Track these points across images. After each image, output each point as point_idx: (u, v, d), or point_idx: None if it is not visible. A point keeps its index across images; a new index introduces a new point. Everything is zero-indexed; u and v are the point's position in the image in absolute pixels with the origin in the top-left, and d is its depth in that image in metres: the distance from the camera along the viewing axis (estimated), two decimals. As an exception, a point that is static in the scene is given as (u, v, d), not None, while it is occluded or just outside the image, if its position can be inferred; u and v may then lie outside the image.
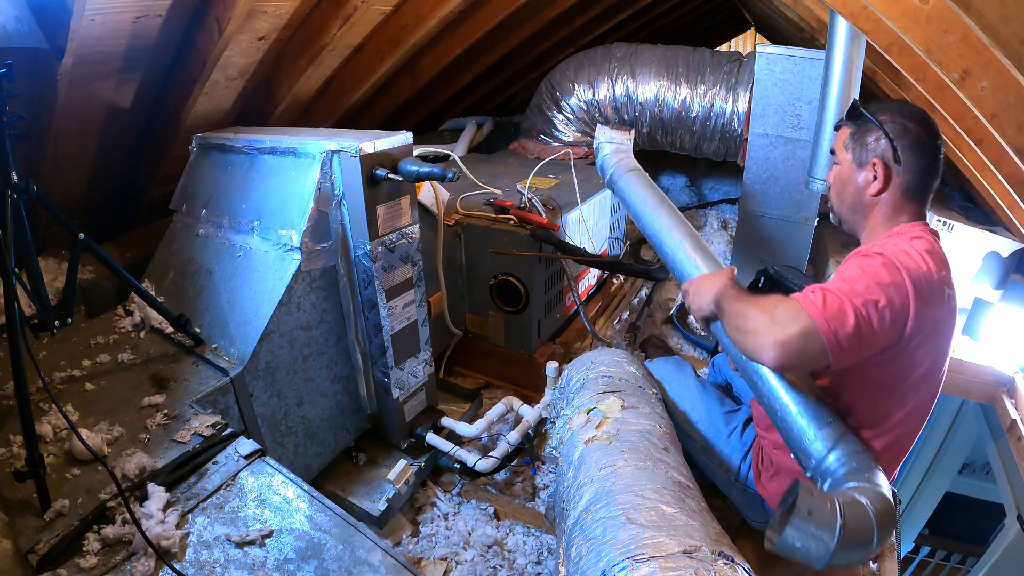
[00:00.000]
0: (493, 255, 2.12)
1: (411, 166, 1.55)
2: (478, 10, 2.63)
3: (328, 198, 1.56)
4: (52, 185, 1.88)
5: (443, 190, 2.09)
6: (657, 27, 4.83)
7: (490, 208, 2.20)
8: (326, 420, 1.74)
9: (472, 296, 2.30)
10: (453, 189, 2.27)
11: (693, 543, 0.95)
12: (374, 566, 1.14)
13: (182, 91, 1.91)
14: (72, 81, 1.57)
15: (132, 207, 2.34)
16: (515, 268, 2.11)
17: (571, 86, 3.35)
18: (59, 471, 1.26)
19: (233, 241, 1.70)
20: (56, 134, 1.72)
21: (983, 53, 1.29)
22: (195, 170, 1.92)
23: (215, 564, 1.12)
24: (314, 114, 2.58)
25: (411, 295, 1.75)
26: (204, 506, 1.23)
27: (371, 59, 2.43)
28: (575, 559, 1.04)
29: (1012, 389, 2.35)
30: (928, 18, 1.34)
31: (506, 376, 2.34)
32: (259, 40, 1.87)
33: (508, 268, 2.13)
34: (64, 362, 1.59)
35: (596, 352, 1.76)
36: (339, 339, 1.73)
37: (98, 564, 1.08)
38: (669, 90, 3.19)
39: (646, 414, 1.41)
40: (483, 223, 2.15)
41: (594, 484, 1.17)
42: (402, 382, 1.79)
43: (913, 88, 1.87)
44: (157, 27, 1.66)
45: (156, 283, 1.84)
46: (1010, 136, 1.43)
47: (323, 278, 1.63)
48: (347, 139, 1.53)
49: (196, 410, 1.42)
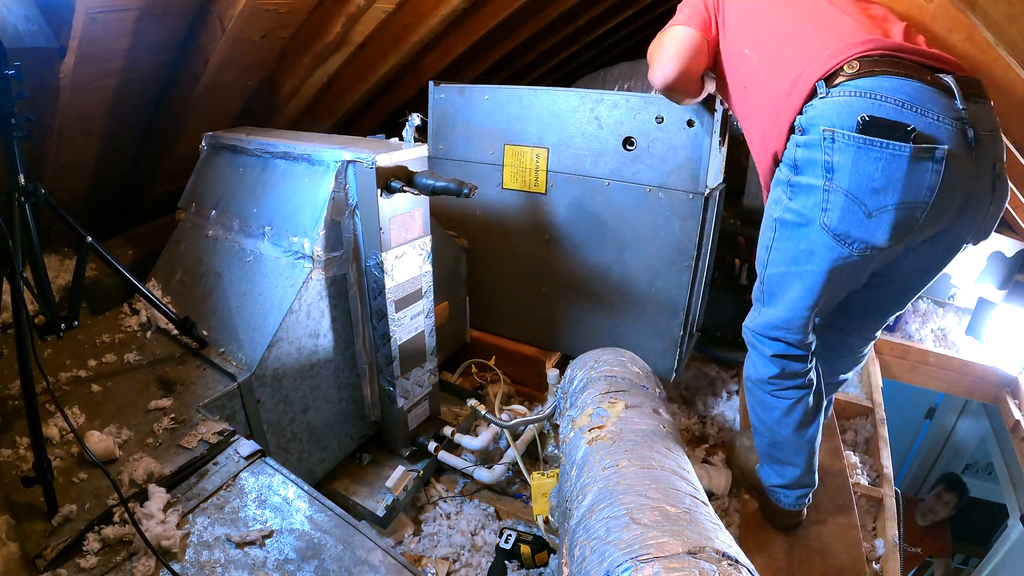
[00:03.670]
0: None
1: (427, 180, 1.54)
2: (481, 8, 2.62)
3: (342, 207, 1.56)
4: (54, 184, 1.88)
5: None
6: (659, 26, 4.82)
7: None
8: (331, 427, 1.74)
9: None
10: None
11: (697, 543, 0.94)
12: (374, 566, 1.14)
13: (185, 89, 1.91)
14: (74, 79, 1.56)
15: (134, 205, 2.34)
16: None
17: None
18: (67, 474, 1.26)
19: (243, 245, 1.69)
20: (59, 133, 1.72)
21: (988, 52, 1.28)
22: (205, 169, 1.92)
23: (215, 564, 1.11)
24: (317, 112, 2.58)
25: (420, 306, 1.75)
26: (204, 506, 1.23)
27: (374, 57, 2.42)
28: (578, 559, 1.03)
29: (1016, 389, 2.35)
30: (933, 17, 1.33)
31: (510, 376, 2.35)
32: (261, 38, 1.86)
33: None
34: (70, 361, 1.59)
35: (599, 351, 1.76)
36: (346, 347, 1.73)
37: (98, 564, 1.08)
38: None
39: (649, 414, 1.41)
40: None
41: (597, 484, 1.17)
42: (407, 391, 1.79)
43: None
44: (159, 25, 1.66)
45: (163, 282, 1.84)
46: (1015, 136, 1.43)
47: (333, 287, 1.63)
48: (363, 149, 1.53)
49: (203, 415, 1.42)
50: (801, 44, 1.30)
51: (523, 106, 2.07)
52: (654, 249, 1.98)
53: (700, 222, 1.88)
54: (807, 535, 1.67)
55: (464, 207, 2.27)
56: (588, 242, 2.10)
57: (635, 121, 1.89)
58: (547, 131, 2.05)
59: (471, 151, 2.21)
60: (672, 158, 1.86)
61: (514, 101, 2.08)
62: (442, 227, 2.18)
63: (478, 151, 2.19)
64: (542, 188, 2.11)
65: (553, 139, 2.04)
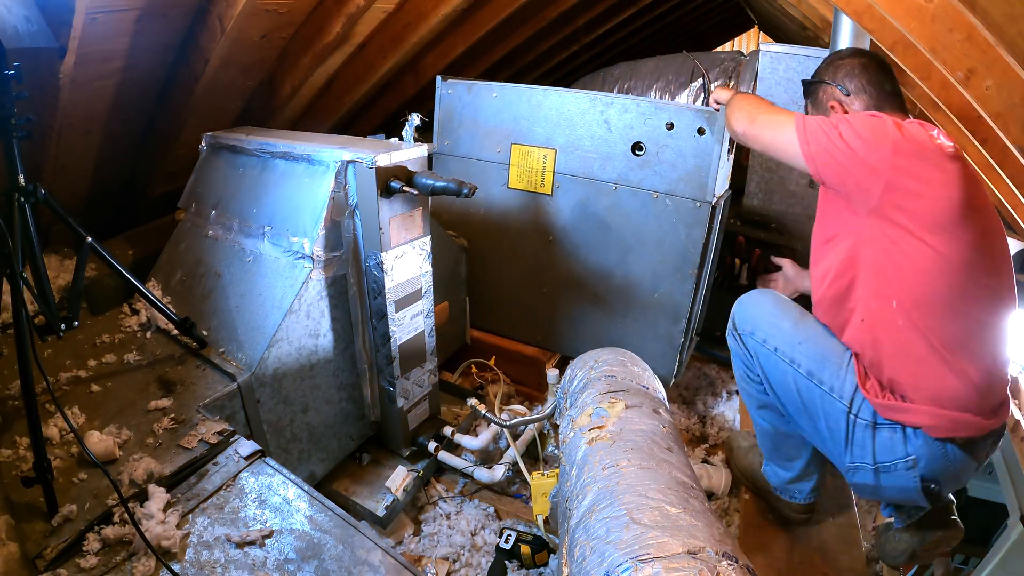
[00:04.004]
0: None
1: (427, 180, 1.54)
2: (481, 8, 2.63)
3: (341, 208, 1.56)
4: (54, 184, 1.88)
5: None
6: (659, 26, 4.83)
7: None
8: (330, 427, 1.74)
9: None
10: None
11: (697, 543, 0.94)
12: (374, 566, 1.14)
13: (184, 89, 1.91)
14: (74, 80, 1.56)
15: (134, 205, 2.34)
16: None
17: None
18: (67, 474, 1.26)
19: (243, 245, 1.69)
20: (59, 133, 1.72)
21: (988, 52, 1.28)
22: (205, 169, 1.92)
23: (215, 564, 1.11)
24: (317, 112, 2.58)
25: (420, 306, 1.74)
26: (204, 506, 1.22)
27: (374, 57, 2.43)
28: (578, 559, 1.03)
29: (1016, 389, 2.35)
30: (933, 16, 1.33)
31: (510, 376, 2.34)
32: (261, 38, 1.86)
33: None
34: (69, 361, 1.59)
35: (599, 351, 1.76)
36: (346, 347, 1.73)
37: (98, 564, 1.08)
38: (667, 98, 3.19)
39: (649, 413, 1.41)
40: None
41: (597, 484, 1.17)
42: (407, 391, 1.79)
43: (917, 87, 1.86)
44: (159, 25, 1.66)
45: (163, 282, 1.84)
46: (1015, 135, 1.42)
47: (333, 287, 1.62)
48: (363, 149, 1.53)
49: (203, 415, 1.42)
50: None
51: (532, 106, 2.07)
52: (659, 255, 1.97)
53: (706, 230, 1.87)
54: (807, 535, 1.67)
55: (467, 206, 2.26)
56: (592, 245, 2.09)
57: (645, 126, 1.89)
58: (555, 132, 2.04)
59: (477, 149, 2.20)
60: (681, 165, 1.86)
61: (523, 100, 2.08)
62: (443, 227, 2.18)
63: (484, 149, 2.19)
64: (548, 189, 2.10)
65: (561, 140, 2.04)
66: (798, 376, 1.38)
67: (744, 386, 1.59)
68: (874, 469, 1.30)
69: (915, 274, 1.21)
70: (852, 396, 1.32)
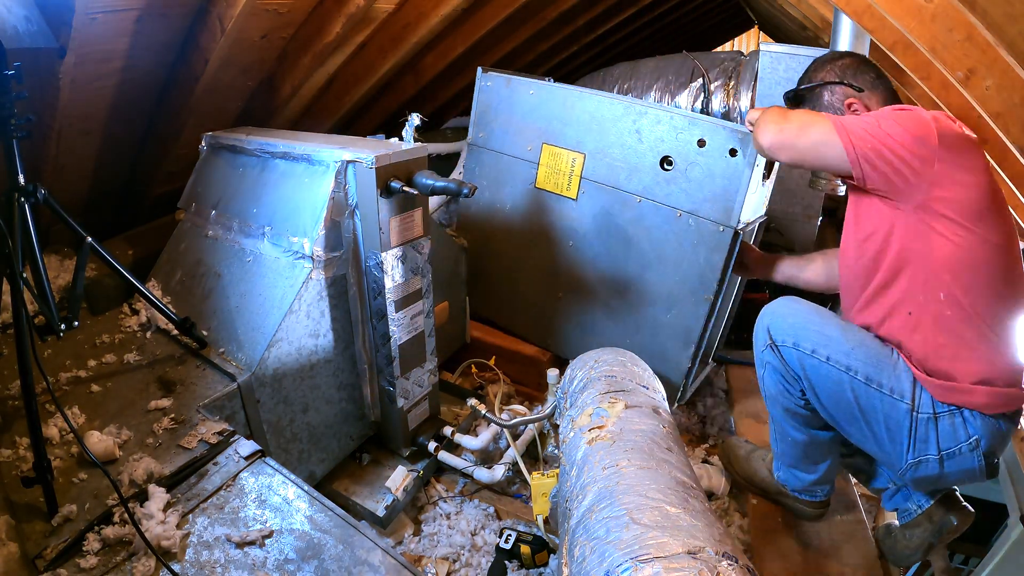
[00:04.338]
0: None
1: (426, 179, 1.54)
2: (481, 8, 2.63)
3: (341, 207, 1.56)
4: (54, 184, 1.88)
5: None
6: (659, 26, 4.83)
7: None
8: (330, 427, 1.74)
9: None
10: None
11: (697, 544, 0.94)
12: (374, 566, 1.14)
13: (185, 89, 1.91)
14: (74, 80, 1.56)
15: (134, 205, 2.34)
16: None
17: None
18: (66, 474, 1.26)
19: (243, 245, 1.69)
20: (59, 133, 1.72)
21: (988, 52, 1.28)
22: (205, 169, 1.92)
23: (215, 564, 1.11)
24: (317, 112, 2.58)
25: (420, 306, 1.74)
26: (204, 506, 1.23)
27: (374, 57, 2.43)
28: (578, 559, 1.03)
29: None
30: (933, 16, 1.33)
31: (510, 376, 2.34)
32: (261, 38, 1.86)
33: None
34: (70, 361, 1.59)
35: (599, 351, 1.76)
36: (346, 347, 1.73)
37: (98, 564, 1.08)
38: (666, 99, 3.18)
39: (649, 413, 1.41)
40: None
41: (597, 484, 1.17)
42: (407, 391, 1.79)
43: (917, 87, 1.86)
44: (159, 25, 1.66)
45: (163, 282, 1.84)
46: (1015, 135, 1.42)
47: (333, 287, 1.62)
48: (363, 149, 1.53)
49: (203, 415, 1.42)
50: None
51: (565, 107, 2.04)
52: (677, 275, 1.91)
53: (727, 256, 1.80)
54: (818, 534, 1.66)
55: (494, 201, 2.27)
56: (611, 256, 2.05)
57: (676, 141, 1.84)
58: (586, 136, 2.02)
59: (509, 144, 2.20)
60: (708, 185, 1.80)
61: (557, 100, 2.06)
62: (469, 219, 2.17)
63: (516, 145, 2.18)
64: (573, 194, 2.08)
65: (591, 146, 2.01)
66: (855, 383, 1.35)
67: (780, 400, 1.50)
68: (938, 459, 1.31)
69: (964, 262, 1.23)
70: (912, 393, 1.32)
